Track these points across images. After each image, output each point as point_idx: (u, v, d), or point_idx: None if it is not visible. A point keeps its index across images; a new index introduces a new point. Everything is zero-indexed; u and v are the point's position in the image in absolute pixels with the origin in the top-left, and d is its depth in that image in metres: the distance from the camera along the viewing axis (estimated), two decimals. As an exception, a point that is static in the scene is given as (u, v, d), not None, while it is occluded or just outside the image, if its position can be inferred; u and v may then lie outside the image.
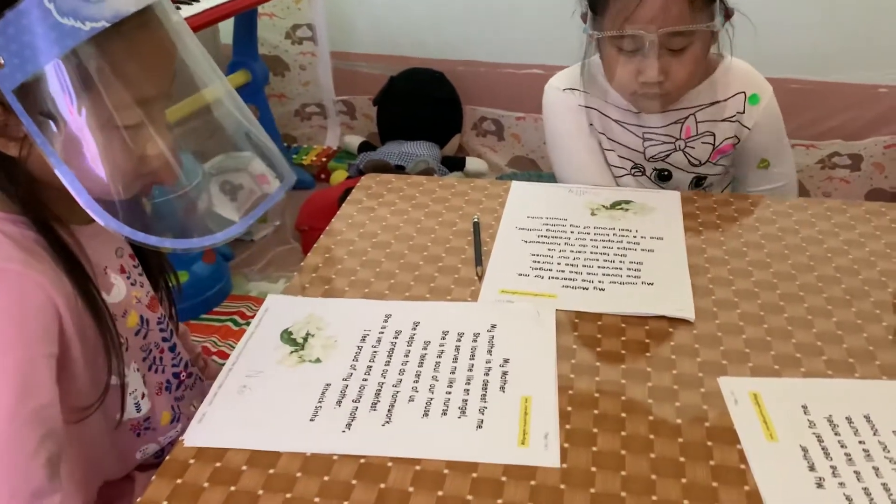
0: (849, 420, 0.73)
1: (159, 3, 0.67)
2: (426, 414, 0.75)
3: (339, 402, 0.76)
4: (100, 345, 0.74)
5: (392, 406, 0.76)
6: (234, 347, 0.86)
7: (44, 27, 0.61)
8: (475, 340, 0.85)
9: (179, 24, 0.70)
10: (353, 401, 0.77)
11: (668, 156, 1.25)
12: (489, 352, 0.83)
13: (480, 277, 0.97)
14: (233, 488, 0.68)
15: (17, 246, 0.69)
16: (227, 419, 0.75)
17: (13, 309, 0.67)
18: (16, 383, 0.66)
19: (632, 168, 1.28)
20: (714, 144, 1.24)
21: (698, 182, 1.28)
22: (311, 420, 0.74)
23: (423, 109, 2.55)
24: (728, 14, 1.14)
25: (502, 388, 0.78)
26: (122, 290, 0.80)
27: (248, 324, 0.90)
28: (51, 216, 0.72)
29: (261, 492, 0.68)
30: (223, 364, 0.83)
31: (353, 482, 0.68)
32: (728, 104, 1.22)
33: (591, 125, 1.27)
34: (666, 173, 1.27)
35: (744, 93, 1.22)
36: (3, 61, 0.62)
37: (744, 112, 1.22)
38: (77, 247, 0.74)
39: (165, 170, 0.71)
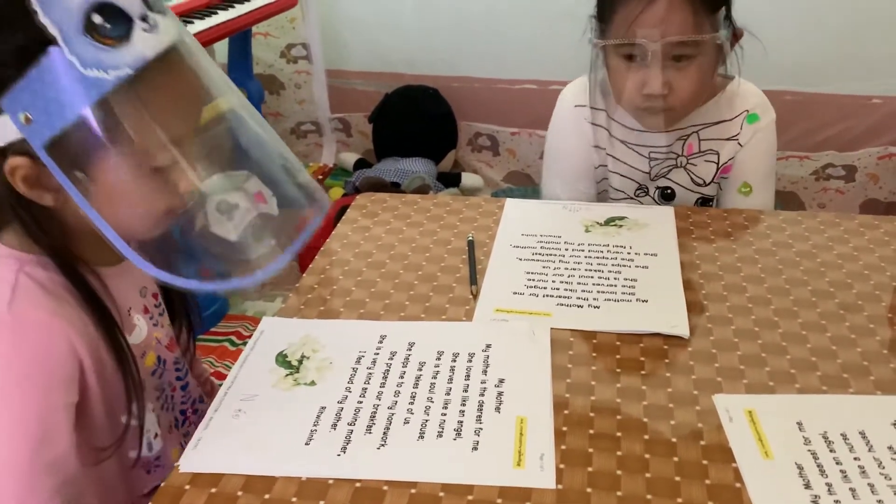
0: (844, 436, 0.73)
1: (180, 39, 0.66)
2: (422, 436, 0.75)
3: (334, 426, 0.76)
4: (119, 387, 0.75)
5: (387, 429, 0.76)
6: (230, 367, 0.86)
7: (68, 80, 0.60)
8: (470, 360, 0.85)
9: (199, 53, 0.69)
10: (349, 424, 0.76)
11: (669, 171, 1.25)
12: (484, 372, 0.83)
13: (475, 296, 0.97)
14: (228, 514, 0.68)
15: (44, 291, 0.70)
16: (223, 444, 0.75)
17: (38, 358, 0.68)
18: (35, 433, 0.67)
19: (636, 191, 1.28)
20: (718, 164, 1.24)
21: (703, 203, 1.28)
22: (307, 444, 0.74)
23: (418, 126, 2.56)
24: (737, 34, 1.14)
25: (497, 409, 0.78)
26: (144, 330, 0.81)
27: (244, 343, 0.91)
28: (78, 260, 0.73)
29: (256, 517, 0.68)
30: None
31: (349, 506, 0.68)
32: (733, 123, 1.22)
33: (597, 146, 1.26)
34: (669, 191, 1.27)
35: (746, 111, 1.22)
36: (30, 117, 0.61)
37: (741, 130, 1.22)
38: (103, 290, 0.75)
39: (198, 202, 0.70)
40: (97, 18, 0.60)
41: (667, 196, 1.27)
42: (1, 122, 0.63)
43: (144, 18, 0.63)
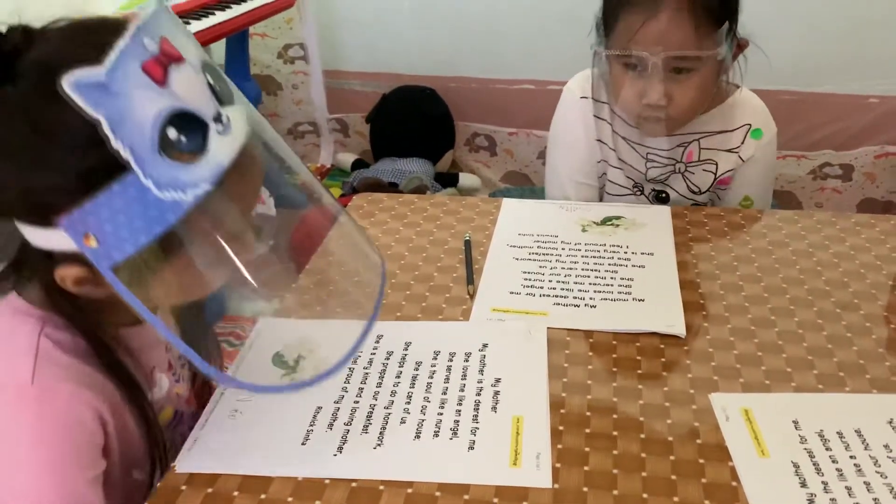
0: (840, 435, 0.73)
1: (251, 131, 0.61)
2: (418, 436, 0.75)
3: (330, 426, 0.76)
4: (137, 444, 0.73)
5: (384, 428, 0.76)
6: (228, 369, 0.86)
7: (143, 205, 0.54)
8: (467, 360, 0.85)
9: (270, 137, 0.65)
10: (345, 424, 0.76)
11: (667, 178, 1.25)
12: (481, 371, 0.83)
13: (472, 296, 0.97)
14: (224, 514, 0.68)
15: (67, 355, 0.67)
16: (219, 444, 0.75)
17: (67, 432, 0.66)
18: None
19: (633, 187, 1.28)
20: (716, 174, 1.24)
21: None
22: (303, 444, 0.74)
23: (416, 126, 2.56)
24: (741, 45, 1.13)
25: (494, 409, 0.78)
26: (165, 387, 0.79)
27: (241, 345, 0.90)
28: (100, 324, 0.69)
29: (252, 518, 0.68)
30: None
31: (345, 506, 0.68)
32: (734, 135, 1.22)
33: (600, 140, 1.26)
34: (664, 195, 1.27)
35: (749, 125, 1.22)
36: (96, 242, 0.55)
37: (743, 143, 1.22)
38: (125, 352, 0.72)
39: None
40: (172, 133, 0.54)
41: (661, 200, 1.28)
42: (56, 234, 0.56)
43: (218, 118, 0.57)
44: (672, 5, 1.05)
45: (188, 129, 0.55)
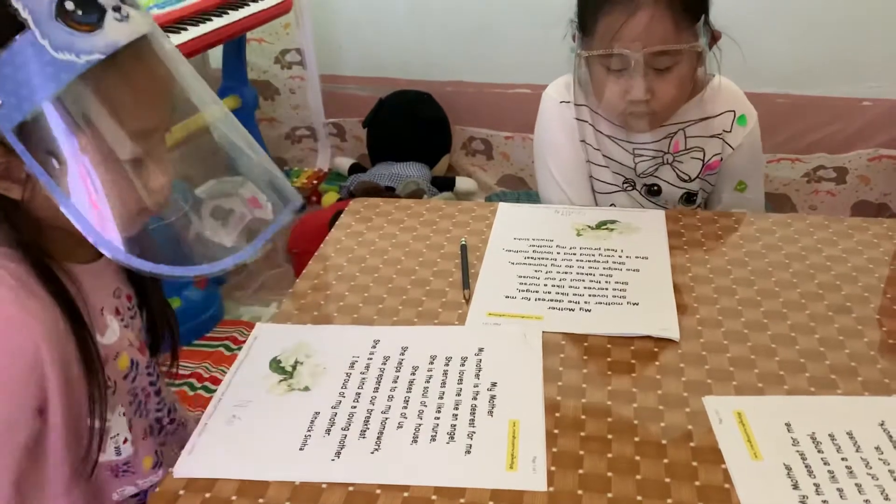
0: (832, 437, 0.74)
1: (152, 33, 0.67)
2: (415, 440, 0.76)
3: (328, 431, 0.77)
4: (84, 390, 0.74)
5: (381, 433, 0.76)
6: (226, 373, 0.86)
7: (39, 64, 0.60)
8: (463, 364, 0.86)
9: (173, 51, 0.70)
10: (343, 429, 0.77)
11: (656, 170, 1.27)
12: (477, 376, 0.84)
13: (468, 300, 0.98)
14: (223, 519, 0.69)
15: (15, 282, 0.69)
16: (217, 449, 0.75)
17: (3, 358, 0.67)
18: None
19: (623, 183, 1.29)
20: (703, 160, 1.26)
21: (689, 198, 1.29)
22: (301, 449, 0.75)
23: (413, 130, 2.57)
24: (715, 37, 1.16)
25: (490, 413, 0.79)
26: (116, 331, 0.80)
27: (239, 349, 0.91)
28: (50, 256, 0.72)
29: (251, 522, 0.68)
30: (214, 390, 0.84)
31: (343, 510, 0.69)
32: (716, 121, 1.24)
33: (584, 141, 1.28)
34: (655, 188, 1.28)
35: (733, 111, 1.24)
36: (0, 101, 0.61)
37: (730, 131, 1.24)
38: (74, 287, 0.74)
39: (167, 201, 0.71)
40: (69, 5, 0.61)
41: (653, 192, 1.29)
42: None
43: (117, 9, 0.63)
44: (650, 2, 1.07)
45: (84, 6, 0.61)
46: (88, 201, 0.65)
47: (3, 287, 0.69)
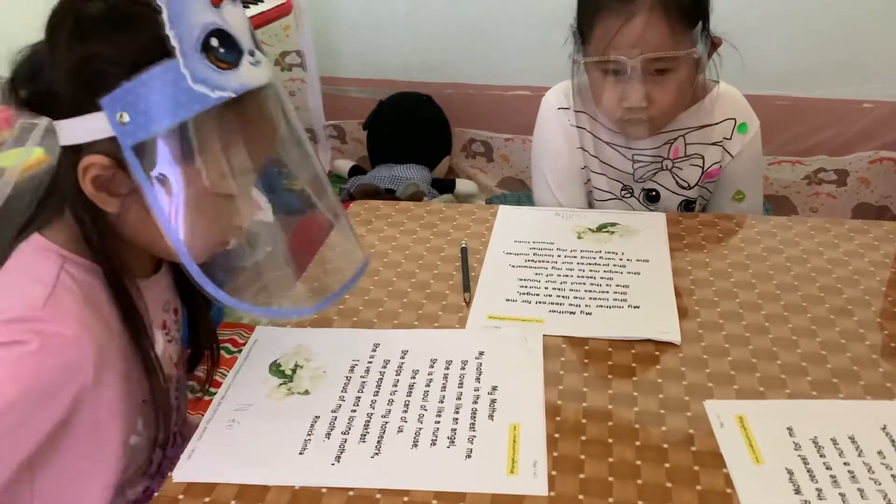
0: (834, 441, 0.73)
1: (275, 82, 0.71)
2: (415, 444, 0.75)
3: (328, 435, 0.77)
4: (134, 404, 0.76)
5: (381, 437, 0.76)
6: (226, 375, 0.86)
7: (175, 90, 0.64)
8: (463, 368, 0.85)
9: (287, 103, 0.74)
10: (343, 433, 0.77)
11: (654, 175, 1.26)
12: (477, 379, 0.84)
13: (468, 303, 0.98)
14: (222, 524, 0.68)
15: (82, 294, 0.71)
16: (216, 454, 0.75)
17: (34, 381, 0.68)
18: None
19: (621, 191, 1.29)
20: (703, 168, 1.25)
21: (687, 206, 1.29)
22: (301, 453, 0.75)
23: (413, 133, 2.56)
24: (714, 43, 1.16)
25: (491, 417, 0.78)
26: (160, 346, 0.81)
27: (239, 351, 0.91)
28: (122, 268, 0.74)
29: (250, 527, 0.68)
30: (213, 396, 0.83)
31: (343, 515, 0.69)
32: (716, 129, 1.24)
33: (581, 148, 1.28)
34: (654, 193, 1.28)
35: (733, 119, 1.24)
36: (128, 119, 0.64)
37: (730, 138, 1.24)
38: (142, 302, 0.77)
39: (243, 238, 0.75)
40: (214, 41, 0.65)
41: (651, 198, 1.29)
42: (91, 119, 0.65)
43: (252, 54, 0.68)
44: (646, 8, 1.07)
45: (227, 46, 0.66)
46: (182, 222, 0.67)
47: (72, 296, 0.70)
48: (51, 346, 0.68)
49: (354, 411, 0.80)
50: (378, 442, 0.76)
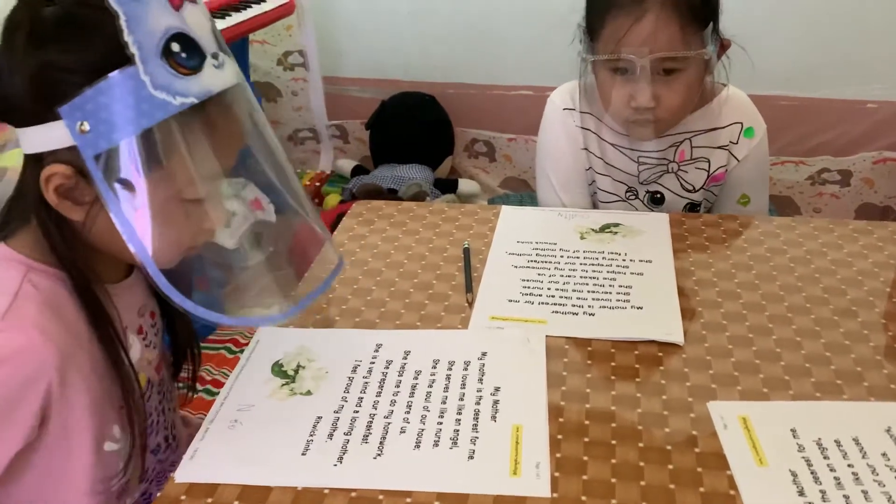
0: (837, 443, 0.73)
1: (241, 84, 0.70)
2: (418, 445, 0.75)
3: (330, 436, 0.76)
4: (108, 411, 0.74)
5: (384, 438, 0.76)
6: (228, 376, 0.86)
7: (136, 98, 0.62)
8: (466, 369, 0.85)
9: (254, 103, 0.73)
10: (345, 434, 0.77)
11: (660, 177, 1.26)
12: (480, 380, 0.83)
13: (471, 304, 0.97)
14: (224, 525, 0.68)
15: (46, 304, 0.70)
16: (219, 454, 0.75)
17: (7, 389, 0.67)
18: None
19: (625, 193, 1.28)
20: (709, 171, 1.25)
21: (692, 209, 1.28)
22: (303, 454, 0.74)
23: (415, 132, 2.56)
24: (724, 45, 1.15)
25: (493, 418, 0.78)
26: (137, 351, 0.80)
27: (241, 352, 0.91)
28: (89, 275, 0.73)
29: (252, 528, 0.68)
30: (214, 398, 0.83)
31: (345, 516, 0.68)
32: (723, 132, 1.23)
33: (586, 149, 1.27)
34: (658, 196, 1.28)
35: (740, 123, 1.23)
36: (88, 127, 0.62)
37: (737, 143, 1.23)
38: (114, 308, 0.75)
39: (212, 243, 0.74)
40: (175, 46, 0.63)
41: (656, 200, 1.28)
42: (51, 128, 0.63)
43: (216, 56, 0.66)
44: (657, 7, 1.07)
45: (188, 50, 0.64)
46: (148, 231, 0.66)
47: (34, 307, 0.69)
48: (8, 358, 0.67)
49: (357, 412, 0.79)
50: (380, 443, 0.75)
